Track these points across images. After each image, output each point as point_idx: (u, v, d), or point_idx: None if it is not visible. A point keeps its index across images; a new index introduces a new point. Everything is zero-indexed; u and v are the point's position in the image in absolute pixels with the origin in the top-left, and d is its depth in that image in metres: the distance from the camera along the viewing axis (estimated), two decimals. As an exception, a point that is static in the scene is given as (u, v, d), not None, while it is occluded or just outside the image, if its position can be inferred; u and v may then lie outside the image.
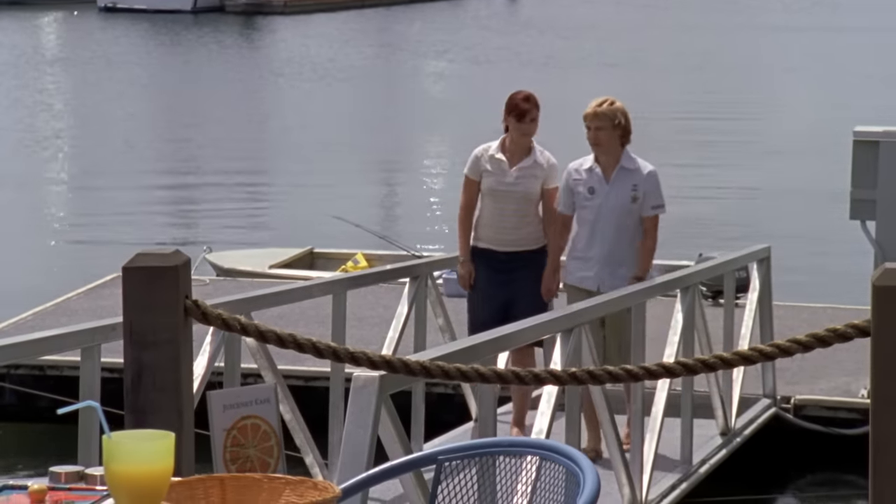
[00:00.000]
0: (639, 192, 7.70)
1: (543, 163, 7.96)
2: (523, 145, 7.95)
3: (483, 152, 8.05)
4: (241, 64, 39.00)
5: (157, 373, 3.65)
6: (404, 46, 44.68)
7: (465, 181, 8.09)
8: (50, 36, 46.94)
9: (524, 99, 7.98)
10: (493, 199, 7.95)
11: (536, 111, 7.99)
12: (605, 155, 7.72)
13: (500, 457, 3.40)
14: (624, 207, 7.66)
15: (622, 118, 7.74)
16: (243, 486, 2.81)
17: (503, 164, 7.95)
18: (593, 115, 7.74)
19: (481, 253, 8.03)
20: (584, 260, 7.70)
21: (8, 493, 2.78)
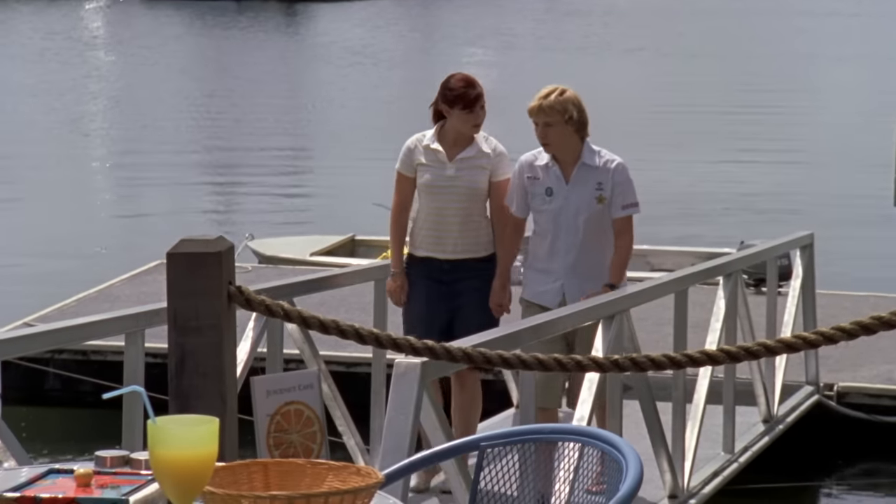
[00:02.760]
0: (605, 191, 6.61)
1: (489, 151, 6.82)
2: (465, 133, 6.82)
3: (417, 143, 6.89)
4: (283, 50, 39.08)
5: (201, 358, 3.67)
6: (443, 33, 44.64)
7: (398, 178, 6.90)
8: (94, 23, 47.17)
9: (469, 84, 6.80)
10: (432, 196, 6.80)
11: (483, 95, 6.85)
12: (560, 153, 6.62)
13: (542, 443, 3.40)
14: (588, 210, 6.60)
15: (574, 110, 6.57)
16: (286, 472, 2.83)
17: (440, 156, 6.80)
18: (538, 109, 6.56)
19: (420, 263, 6.88)
20: (545, 273, 6.67)
21: (54, 476, 2.80)
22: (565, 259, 6.61)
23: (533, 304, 6.66)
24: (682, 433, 6.95)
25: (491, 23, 47.09)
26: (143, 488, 2.75)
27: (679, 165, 21.02)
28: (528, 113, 6.59)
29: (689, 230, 16.17)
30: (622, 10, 51.02)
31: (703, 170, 20.65)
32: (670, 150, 22.52)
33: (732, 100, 28.96)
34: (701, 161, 21.40)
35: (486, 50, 39.25)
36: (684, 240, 14.64)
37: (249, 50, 38.76)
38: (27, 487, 2.74)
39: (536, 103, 6.58)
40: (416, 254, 6.89)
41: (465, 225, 6.80)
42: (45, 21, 45.60)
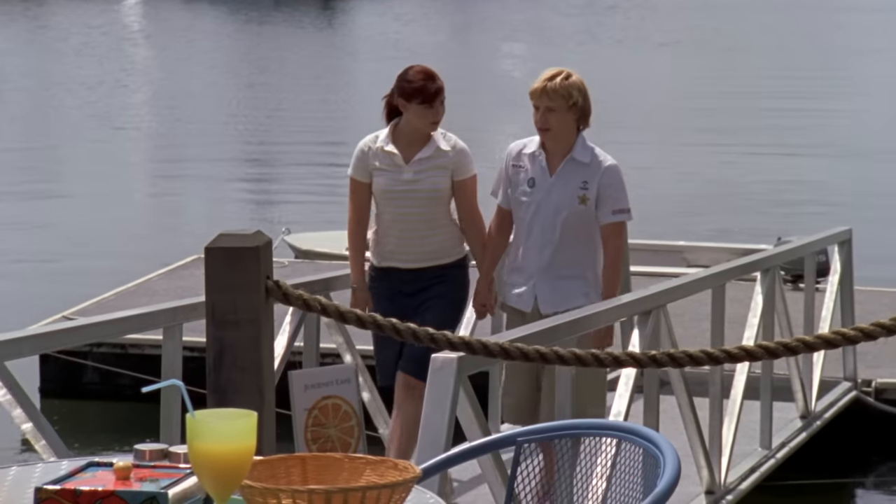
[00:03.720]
0: (589, 192, 6.08)
1: (448, 149, 6.29)
2: (421, 132, 6.27)
3: (369, 145, 6.33)
4: (319, 45, 39.14)
5: (239, 352, 3.69)
6: (479, 27, 44.63)
7: (351, 184, 6.36)
8: (132, 19, 47.38)
9: (429, 77, 6.25)
10: (391, 203, 6.28)
11: (442, 90, 6.28)
12: (555, 141, 6.12)
13: (579, 438, 3.40)
14: (568, 208, 6.09)
15: (580, 96, 6.07)
16: (324, 466, 2.83)
17: (396, 158, 6.27)
18: (542, 91, 6.06)
19: (384, 274, 6.36)
20: (518, 272, 6.19)
21: (94, 469, 2.82)
22: (539, 257, 6.11)
23: (511, 309, 6.21)
24: (719, 429, 6.93)
25: (528, 17, 47.05)
26: (182, 482, 2.76)
27: (716, 159, 20.95)
28: (530, 95, 6.10)
29: (726, 224, 16.11)
30: (657, 4, 50.87)
31: (740, 164, 20.58)
32: (707, 143, 22.45)
33: (770, 94, 28.84)
34: (738, 155, 21.33)
35: (522, 44, 39.21)
36: (720, 234, 14.60)
37: (286, 45, 38.86)
38: (67, 480, 2.75)
39: (540, 85, 6.07)
40: (379, 265, 6.38)
41: (429, 231, 6.29)
42: (83, 16, 45.83)
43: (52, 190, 18.60)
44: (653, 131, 23.61)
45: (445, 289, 6.25)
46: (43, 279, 13.45)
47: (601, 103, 24.13)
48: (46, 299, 11.47)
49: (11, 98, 28.54)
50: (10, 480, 2.95)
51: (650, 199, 17.50)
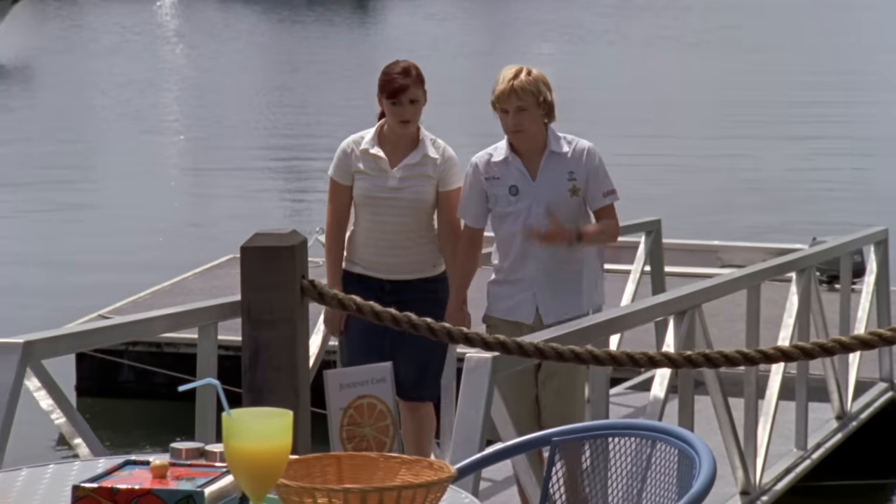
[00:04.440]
0: (578, 181, 5.76)
1: (437, 156, 5.93)
2: (407, 135, 5.91)
3: (353, 146, 5.97)
4: (352, 44, 39.21)
5: (274, 352, 3.70)
6: (512, 27, 44.61)
7: (331, 186, 6.00)
8: (166, 17, 47.57)
9: (402, 72, 5.89)
10: (371, 209, 5.90)
11: (419, 88, 5.90)
12: (527, 143, 5.76)
13: (612, 438, 3.40)
14: (562, 206, 5.73)
15: (546, 91, 5.77)
16: (359, 465, 2.84)
17: (382, 162, 5.91)
18: (510, 92, 5.68)
19: (357, 281, 5.95)
20: (511, 284, 5.78)
21: (131, 468, 2.83)
22: (537, 265, 5.73)
23: (504, 322, 5.77)
24: (754, 429, 6.91)
25: (560, 17, 47.00)
26: (218, 480, 2.77)
27: (750, 159, 20.88)
28: (497, 100, 5.71)
29: (760, 224, 16.06)
30: (688, 4, 50.74)
31: (774, 163, 20.51)
32: (740, 143, 22.38)
33: (802, 92, 28.72)
34: (772, 154, 21.26)
35: (554, 44, 39.18)
36: (755, 234, 14.55)
37: (318, 44, 38.94)
38: (104, 478, 2.77)
39: (506, 86, 5.69)
40: (352, 270, 5.99)
41: (408, 242, 5.91)
42: (117, 16, 46.04)
43: (87, 189, 18.69)
44: (685, 130, 23.55)
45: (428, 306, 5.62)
46: (79, 278, 13.52)
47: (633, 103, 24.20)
48: (82, 298, 11.53)
49: (45, 97, 28.70)
50: (48, 478, 2.97)
51: (683, 198, 17.46)
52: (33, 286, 13.29)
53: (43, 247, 15.15)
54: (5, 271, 13.95)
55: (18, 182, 18.96)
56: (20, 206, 17.33)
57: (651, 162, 20.30)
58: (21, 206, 17.31)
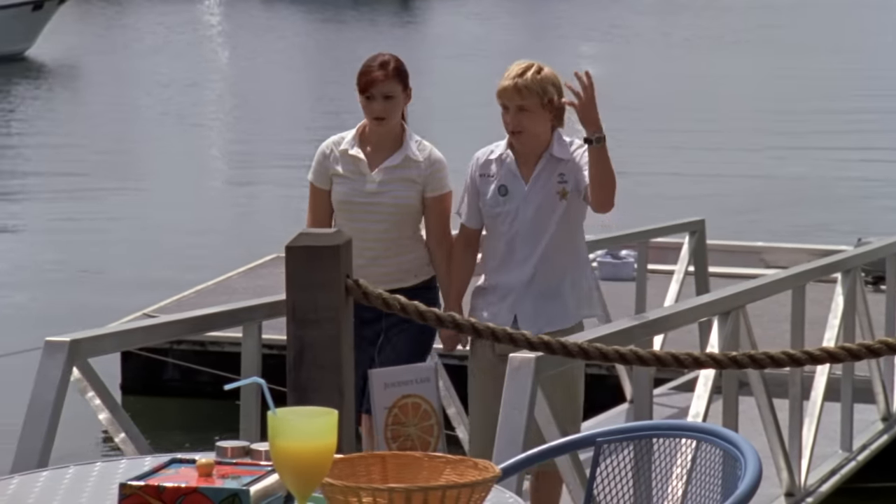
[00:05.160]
0: (568, 183, 5.39)
1: (421, 159, 5.51)
2: (389, 136, 5.52)
3: (333, 147, 5.59)
4: (397, 44, 39.28)
5: (319, 351, 3.71)
6: (555, 27, 44.58)
7: (311, 191, 5.61)
8: (211, 17, 47.80)
9: (380, 65, 5.52)
10: (351, 215, 5.49)
11: (397, 83, 5.50)
12: (527, 145, 5.42)
13: (657, 439, 3.39)
14: (551, 212, 5.39)
15: (554, 91, 5.37)
16: (404, 465, 2.85)
17: (361, 165, 5.52)
18: (513, 89, 5.33)
19: None
20: (492, 290, 5.42)
21: (177, 466, 2.85)
22: (520, 272, 5.38)
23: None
24: (798, 430, 6.88)
25: (604, 17, 46.94)
26: (264, 479, 2.79)
27: (792, 159, 20.78)
28: (498, 95, 5.37)
29: (804, 225, 15.98)
30: (729, 4, 50.57)
31: (817, 163, 20.40)
32: (783, 143, 22.27)
33: (846, 91, 28.56)
34: (815, 154, 21.15)
35: (597, 44, 39.13)
36: (799, 235, 14.47)
37: (362, 44, 39.03)
38: (151, 476, 2.78)
39: (510, 82, 5.34)
40: None
41: (390, 250, 5.50)
42: (162, 15, 46.28)
43: (132, 188, 18.79)
44: (728, 130, 23.46)
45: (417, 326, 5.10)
46: (124, 276, 13.59)
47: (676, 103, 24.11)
48: (128, 296, 11.60)
49: (89, 97, 28.88)
50: (95, 476, 2.99)
51: (727, 198, 17.40)
52: (79, 284, 13.38)
53: (88, 244, 15.24)
54: (51, 269, 14.06)
55: (63, 180, 19.09)
56: (66, 204, 17.44)
57: (694, 162, 20.23)
58: (66, 205, 17.43)
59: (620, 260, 10.78)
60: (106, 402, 5.18)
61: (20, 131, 24.42)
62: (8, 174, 20.14)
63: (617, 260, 10.79)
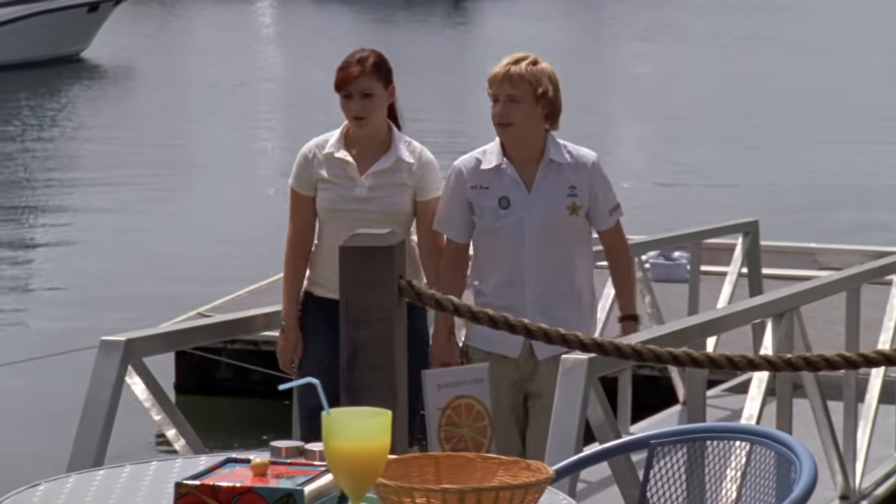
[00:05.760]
0: (580, 197, 4.99)
1: (412, 161, 5.14)
2: (377, 137, 5.14)
3: (316, 150, 5.18)
4: (449, 44, 39.30)
5: (372, 351, 3.73)
6: (608, 27, 44.49)
7: (292, 197, 5.26)
8: (264, 18, 48.02)
9: (358, 61, 5.11)
10: (337, 223, 5.09)
11: (377, 79, 5.11)
12: (520, 145, 4.96)
13: (710, 441, 3.39)
14: (559, 224, 4.96)
15: (550, 86, 4.97)
16: (457, 465, 2.85)
17: (349, 169, 5.12)
18: (504, 76, 4.92)
19: (319, 306, 5.18)
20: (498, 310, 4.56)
21: (232, 466, 2.87)
22: (531, 292, 4.97)
23: (485, 355, 4.93)
24: (853, 433, 6.84)
25: (656, 16, 46.81)
26: (318, 479, 2.80)
27: (846, 158, 20.64)
28: (489, 83, 4.97)
29: (858, 224, 15.86)
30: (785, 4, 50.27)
31: (870, 163, 20.26)
32: (837, 142, 22.13)
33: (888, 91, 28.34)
34: (868, 154, 20.99)
35: (650, 44, 39.00)
36: (852, 233, 14.37)
37: (415, 45, 39.07)
38: (206, 476, 2.80)
39: (502, 69, 4.94)
40: (315, 293, 5.21)
41: None
42: (216, 16, 46.53)
43: (186, 188, 18.90)
44: (780, 130, 23.33)
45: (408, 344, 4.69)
46: (178, 275, 13.68)
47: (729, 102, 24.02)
48: (182, 296, 11.67)
49: (144, 97, 29.08)
50: (151, 475, 3.02)
51: (781, 199, 17.29)
52: (134, 283, 13.47)
53: (142, 245, 15.35)
54: (107, 268, 14.16)
55: (118, 180, 19.23)
56: (120, 205, 17.57)
57: (747, 162, 20.13)
58: (121, 205, 17.55)
59: (673, 261, 10.75)
60: (160, 402, 5.22)
61: (75, 132, 24.62)
62: (63, 175, 20.32)
63: (670, 261, 10.76)
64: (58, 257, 15.19)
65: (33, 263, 15.16)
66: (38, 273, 14.66)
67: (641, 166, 20.65)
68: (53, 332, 11.56)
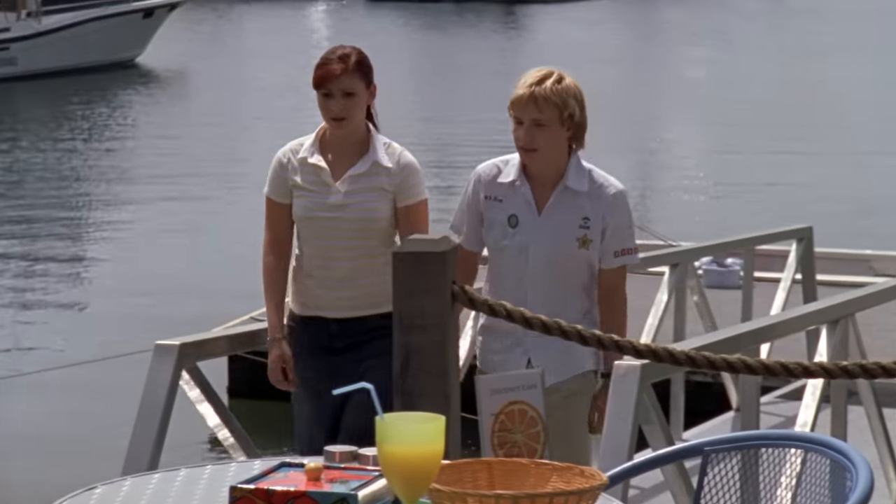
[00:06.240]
0: (591, 231, 4.61)
1: (391, 164, 4.80)
2: (353, 140, 4.81)
3: (290, 155, 4.86)
4: (499, 49, 39.29)
5: (425, 357, 3.73)
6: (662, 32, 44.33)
7: (267, 206, 4.92)
8: (318, 23, 48.20)
9: (339, 58, 4.78)
10: (314, 232, 4.81)
11: (359, 78, 4.79)
12: (541, 165, 4.62)
13: (764, 449, 3.37)
14: (566, 255, 4.61)
15: (576, 106, 4.60)
16: (511, 471, 2.85)
17: (323, 174, 4.80)
18: (529, 99, 4.54)
19: (306, 325, 4.88)
20: (505, 335, 4.60)
21: (286, 470, 2.88)
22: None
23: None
24: (908, 441, 6.78)
25: (712, 22, 46.61)
26: (371, 484, 2.81)
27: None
28: (512, 106, 4.60)
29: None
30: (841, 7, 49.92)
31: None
32: (891, 147, 21.96)
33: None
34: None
35: (704, 49, 38.83)
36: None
37: (466, 50, 39.09)
38: (260, 480, 2.82)
39: (526, 91, 4.55)
40: (299, 313, 4.89)
41: (361, 269, 4.77)
42: (269, 21, 46.74)
43: (238, 193, 18.99)
44: (834, 135, 23.18)
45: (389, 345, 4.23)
46: (231, 280, 13.74)
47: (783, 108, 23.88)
48: (235, 300, 11.72)
49: (197, 102, 29.23)
50: (206, 479, 3.03)
51: (835, 205, 17.18)
52: (188, 287, 13.55)
53: (195, 248, 15.43)
54: (160, 272, 14.25)
55: (170, 184, 19.34)
56: (174, 209, 17.68)
57: (801, 167, 20.01)
58: (175, 209, 17.66)
59: (726, 268, 10.70)
60: (214, 405, 5.25)
61: (128, 137, 24.80)
62: (118, 180, 20.47)
63: (723, 268, 10.72)
64: (112, 261, 15.31)
65: (88, 267, 15.29)
66: (93, 277, 14.78)
67: (694, 172, 20.57)
68: (109, 335, 11.65)
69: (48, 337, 12.30)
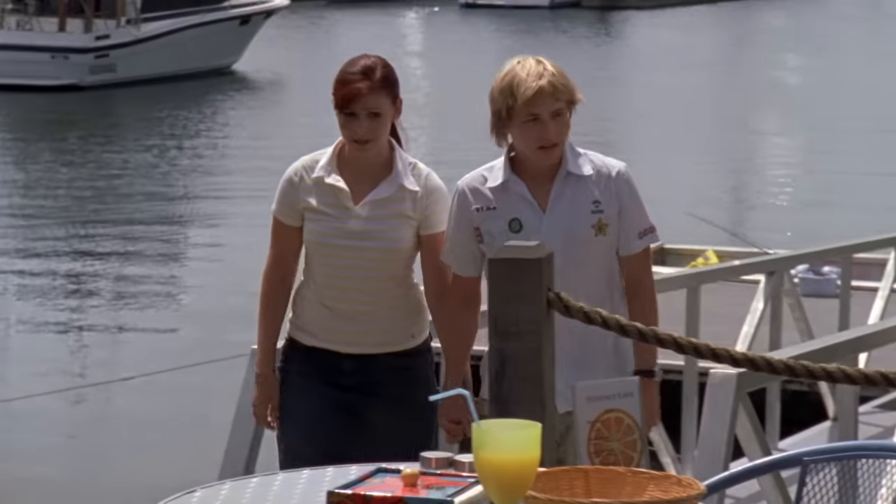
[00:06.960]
0: (606, 213, 4.13)
1: (417, 188, 4.30)
2: (375, 159, 4.29)
3: (303, 173, 4.35)
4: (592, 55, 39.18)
5: (521, 363, 3.73)
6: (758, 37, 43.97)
7: (274, 226, 4.42)
8: (411, 30, 48.39)
9: (362, 72, 4.22)
10: (329, 259, 4.30)
11: (385, 95, 4.23)
12: (557, 156, 4.17)
13: (863, 460, 3.33)
14: (583, 247, 4.12)
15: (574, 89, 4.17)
16: (607, 479, 2.84)
17: (342, 196, 4.29)
18: (550, 89, 4.08)
19: (305, 356, 4.37)
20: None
21: (383, 476, 2.89)
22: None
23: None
24: None
25: (808, 27, 46.16)
26: (467, 490, 2.81)
27: None
28: (525, 104, 4.07)
29: None
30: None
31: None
32: None
33: None
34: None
35: (799, 54, 38.45)
36: None
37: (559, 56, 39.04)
38: (357, 485, 2.83)
39: (544, 83, 4.07)
40: (298, 339, 4.38)
41: (379, 301, 4.29)
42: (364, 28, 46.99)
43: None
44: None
45: (405, 392, 4.20)
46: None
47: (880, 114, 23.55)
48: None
49: (292, 109, 29.43)
50: (303, 483, 3.06)
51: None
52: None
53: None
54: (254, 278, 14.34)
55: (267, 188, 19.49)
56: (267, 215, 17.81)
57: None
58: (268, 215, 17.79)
59: (823, 276, 10.60)
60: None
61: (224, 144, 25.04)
62: (215, 184, 20.68)
63: (819, 276, 10.61)
64: (207, 266, 15.47)
65: (183, 273, 15.46)
66: (188, 282, 14.95)
67: (790, 179, 20.37)
68: (204, 340, 11.77)
69: (147, 339, 12.46)
